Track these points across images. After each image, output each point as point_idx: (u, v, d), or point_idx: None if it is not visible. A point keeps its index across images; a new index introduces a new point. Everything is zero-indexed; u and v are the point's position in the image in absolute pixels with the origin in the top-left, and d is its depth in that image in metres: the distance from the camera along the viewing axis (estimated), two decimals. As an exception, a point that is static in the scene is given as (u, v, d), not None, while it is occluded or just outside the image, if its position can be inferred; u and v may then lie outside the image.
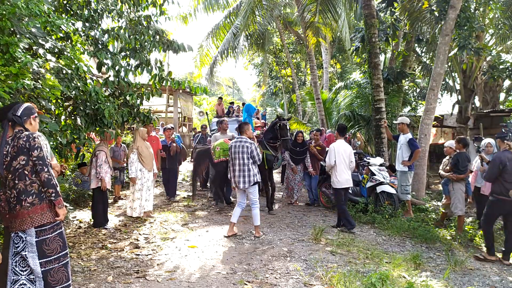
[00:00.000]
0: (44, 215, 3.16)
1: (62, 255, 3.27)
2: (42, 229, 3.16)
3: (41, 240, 3.15)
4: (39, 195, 3.17)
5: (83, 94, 5.42)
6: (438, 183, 11.82)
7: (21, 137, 3.14)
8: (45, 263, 3.16)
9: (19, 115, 3.21)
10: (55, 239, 3.23)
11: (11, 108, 3.24)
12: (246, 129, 6.35)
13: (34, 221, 3.12)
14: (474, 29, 9.16)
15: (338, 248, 5.71)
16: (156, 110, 21.09)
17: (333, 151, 6.79)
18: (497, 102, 15.78)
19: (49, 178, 3.15)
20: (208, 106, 33.72)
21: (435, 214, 7.81)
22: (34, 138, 3.15)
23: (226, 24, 18.88)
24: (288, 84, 28.75)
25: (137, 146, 7.26)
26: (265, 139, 8.22)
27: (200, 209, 8.32)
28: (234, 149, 6.20)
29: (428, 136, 9.22)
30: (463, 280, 4.80)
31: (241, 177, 6.10)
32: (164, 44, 6.91)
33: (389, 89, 12.16)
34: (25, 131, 3.21)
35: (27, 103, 3.42)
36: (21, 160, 3.12)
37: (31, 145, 3.12)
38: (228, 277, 4.52)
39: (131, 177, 7.20)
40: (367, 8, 9.61)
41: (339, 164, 6.76)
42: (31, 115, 3.31)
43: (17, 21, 4.35)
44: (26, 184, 3.13)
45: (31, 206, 3.12)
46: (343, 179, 6.78)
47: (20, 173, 3.12)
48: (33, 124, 3.33)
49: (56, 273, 3.20)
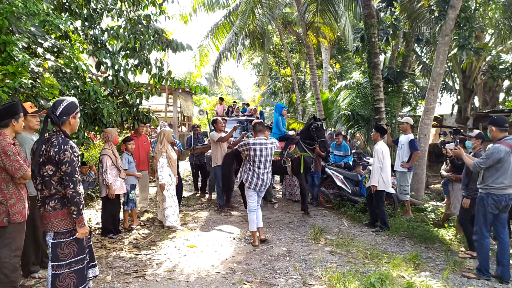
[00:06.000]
0: (64, 221, 3.09)
1: (75, 261, 3.16)
2: (60, 232, 3.11)
3: (56, 242, 3.10)
4: (62, 201, 3.09)
5: (82, 93, 5.41)
6: (437, 183, 11.82)
7: (54, 146, 3.01)
8: (56, 266, 3.10)
9: (57, 115, 3.09)
10: (71, 244, 3.14)
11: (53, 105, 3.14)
12: (262, 129, 5.98)
13: (54, 225, 3.08)
14: (474, 29, 9.14)
15: (338, 248, 5.70)
16: (156, 110, 21.06)
17: (381, 153, 6.82)
18: (496, 102, 15.78)
19: (73, 195, 3.02)
20: (208, 105, 33.72)
21: (434, 214, 7.80)
22: (64, 152, 2.99)
23: (226, 23, 18.85)
24: (287, 83, 28.75)
25: (166, 149, 6.70)
26: (302, 141, 7.82)
27: (199, 209, 8.31)
28: (259, 151, 5.78)
29: (427, 136, 9.20)
30: (462, 280, 4.79)
31: (264, 180, 5.83)
32: (164, 44, 6.90)
33: (389, 89, 12.15)
34: (61, 135, 3.08)
35: (70, 98, 3.26)
36: (49, 170, 3.03)
37: (60, 159, 2.98)
38: (227, 277, 4.51)
39: (161, 183, 6.58)
40: (366, 8, 9.61)
41: (386, 166, 6.82)
42: (71, 114, 3.17)
43: (15, 20, 4.34)
44: (51, 193, 3.07)
45: (52, 211, 3.07)
46: (388, 181, 6.86)
47: (47, 181, 3.05)
48: (72, 123, 3.21)
49: (65, 279, 3.11)
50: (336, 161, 9.38)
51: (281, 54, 26.74)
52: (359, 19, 13.78)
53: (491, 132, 4.95)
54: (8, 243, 3.58)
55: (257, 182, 5.80)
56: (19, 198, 3.66)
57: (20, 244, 3.70)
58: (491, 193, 4.77)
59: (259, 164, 5.76)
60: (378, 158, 6.83)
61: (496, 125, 4.88)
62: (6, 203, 3.56)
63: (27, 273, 4.29)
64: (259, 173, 5.77)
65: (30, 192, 3.94)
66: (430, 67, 14.91)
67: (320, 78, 23.39)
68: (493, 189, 4.76)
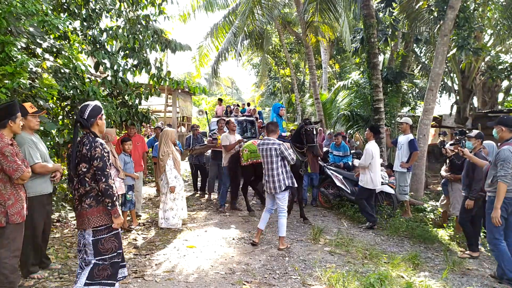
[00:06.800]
0: (100, 217, 3.29)
1: (115, 255, 3.40)
2: (98, 229, 3.30)
3: (97, 239, 3.30)
4: (97, 198, 3.30)
5: (81, 93, 5.41)
6: (436, 183, 11.83)
7: (85, 144, 3.25)
8: (99, 259, 3.33)
9: (85, 118, 3.33)
10: (110, 239, 3.37)
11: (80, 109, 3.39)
12: (274, 129, 5.83)
13: (91, 222, 3.26)
14: (473, 29, 9.16)
15: (337, 248, 5.70)
16: (155, 110, 21.06)
17: (371, 152, 6.85)
18: (495, 102, 15.77)
19: (106, 188, 3.24)
20: (207, 105, 33.70)
21: (433, 214, 7.80)
22: (95, 148, 3.24)
23: (226, 24, 18.86)
24: (287, 84, 28.75)
25: (172, 150, 6.59)
26: (292, 144, 7.56)
27: (198, 209, 8.30)
28: (262, 152, 5.67)
29: (426, 136, 9.21)
30: (462, 280, 4.79)
31: (270, 182, 5.62)
32: (163, 44, 6.90)
33: (388, 89, 12.15)
34: (91, 135, 3.32)
35: (93, 102, 3.48)
36: (83, 167, 3.26)
37: (92, 155, 3.23)
38: (227, 277, 4.50)
39: (171, 186, 6.47)
40: (366, 8, 9.61)
41: (375, 165, 6.84)
42: (97, 116, 3.42)
43: (14, 20, 4.34)
44: (86, 190, 3.28)
45: (89, 208, 3.27)
46: (377, 180, 6.88)
47: (82, 178, 3.28)
48: (99, 124, 3.46)
49: (102, 269, 3.34)
50: (335, 161, 9.38)
51: (280, 54, 26.74)
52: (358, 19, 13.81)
53: (500, 132, 4.80)
54: (7, 244, 3.57)
55: (266, 185, 5.71)
56: (18, 199, 3.64)
57: (19, 245, 3.69)
58: None
59: (265, 165, 5.69)
60: (365, 157, 6.89)
61: (507, 125, 4.73)
62: (5, 203, 3.54)
63: (26, 273, 4.28)
64: (265, 174, 5.70)
65: (28, 192, 3.93)
66: (429, 67, 14.91)
67: (320, 79, 23.39)
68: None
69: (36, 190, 4.19)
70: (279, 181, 5.56)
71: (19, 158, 3.64)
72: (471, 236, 5.78)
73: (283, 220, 5.60)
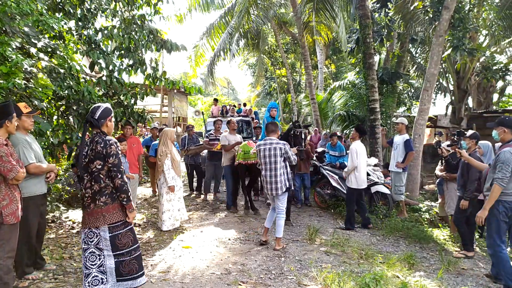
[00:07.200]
0: (115, 214, 3.42)
1: (133, 249, 3.51)
2: (114, 225, 3.42)
3: (114, 235, 3.42)
4: (112, 196, 3.42)
5: (76, 93, 5.38)
6: (432, 183, 11.86)
7: (99, 143, 3.37)
8: (117, 255, 3.43)
9: (96, 118, 3.45)
10: (127, 234, 3.49)
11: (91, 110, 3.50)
12: (275, 129, 5.77)
13: (107, 219, 3.38)
14: (467, 30, 9.19)
15: (333, 248, 5.71)
16: (151, 110, 20.99)
17: (356, 152, 6.86)
18: (490, 103, 15.84)
19: (122, 184, 3.39)
20: (203, 105, 33.65)
21: (428, 214, 7.83)
22: (110, 145, 3.38)
23: (222, 24, 18.84)
24: (283, 84, 28.76)
25: (170, 151, 6.55)
26: None
27: (194, 210, 8.28)
28: (264, 152, 5.57)
29: (422, 136, 9.25)
30: (457, 280, 4.82)
31: (272, 183, 5.53)
32: (158, 44, 6.87)
33: (384, 90, 12.19)
34: (102, 135, 3.45)
35: (105, 104, 3.63)
36: (97, 164, 3.37)
37: (107, 152, 3.36)
38: (222, 278, 4.50)
39: (170, 186, 6.47)
40: (361, 8, 9.63)
41: (361, 165, 6.85)
42: (107, 117, 3.53)
43: (9, 20, 4.31)
44: (101, 187, 3.38)
45: (104, 205, 3.38)
46: (362, 180, 6.88)
47: (96, 176, 3.37)
48: (108, 126, 3.57)
49: (128, 265, 3.46)
50: (331, 161, 9.39)
51: (277, 54, 26.77)
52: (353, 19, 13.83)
53: (501, 134, 4.58)
54: (2, 245, 3.54)
55: (266, 185, 5.63)
56: (12, 199, 3.62)
57: (14, 246, 3.67)
58: (502, 200, 4.42)
59: (265, 165, 5.59)
60: (352, 157, 6.89)
61: (509, 126, 4.53)
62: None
63: (20, 274, 4.26)
64: (266, 175, 5.61)
65: (23, 193, 3.91)
66: (424, 67, 14.96)
67: (315, 79, 23.42)
68: (504, 195, 4.41)
69: (30, 191, 4.17)
70: (281, 182, 5.52)
71: (14, 159, 3.62)
72: (466, 236, 5.81)
73: (281, 221, 5.61)
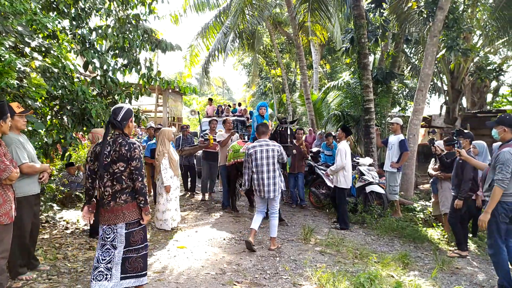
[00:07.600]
0: (135, 212, 3.51)
1: (142, 247, 3.59)
2: (131, 222, 3.50)
3: (129, 232, 3.50)
4: (132, 194, 3.50)
5: (69, 93, 5.35)
6: (426, 183, 11.91)
7: (123, 145, 3.43)
8: (126, 251, 3.50)
9: (119, 120, 3.51)
10: (139, 232, 3.57)
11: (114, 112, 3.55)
12: (265, 130, 5.73)
13: (126, 216, 3.47)
14: (462, 30, 9.25)
15: (327, 248, 5.72)
16: (145, 110, 20.94)
17: (345, 152, 6.89)
18: (484, 103, 15.92)
19: (142, 187, 3.47)
20: (198, 105, 33.59)
21: (423, 214, 7.86)
22: (134, 149, 3.45)
23: (217, 23, 18.81)
24: (278, 84, 28.76)
25: (168, 150, 6.56)
26: None
27: (189, 210, 8.27)
28: (260, 154, 5.50)
29: (416, 136, 9.28)
30: (451, 279, 4.84)
31: (270, 185, 5.46)
32: (153, 43, 6.85)
33: (379, 90, 12.22)
34: (125, 137, 3.51)
35: (127, 105, 3.65)
36: (120, 166, 3.43)
37: (131, 155, 3.43)
38: (217, 278, 4.49)
39: (166, 185, 6.43)
40: (356, 8, 9.66)
41: (347, 165, 6.90)
42: (129, 118, 3.60)
43: (2, 19, 4.28)
44: (122, 187, 3.45)
45: (124, 203, 3.46)
46: (350, 180, 6.93)
47: (118, 177, 3.44)
48: (130, 127, 3.64)
49: (134, 262, 3.53)
50: (326, 161, 9.41)
51: (272, 54, 26.77)
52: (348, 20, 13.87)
53: (501, 133, 4.43)
54: (-5, 245, 3.52)
55: (263, 188, 5.51)
56: (6, 200, 3.59)
57: (7, 246, 3.65)
58: (501, 201, 4.29)
59: (261, 167, 5.48)
60: (341, 156, 6.91)
61: (509, 125, 4.37)
62: (-8, 204, 3.50)
63: (14, 275, 4.23)
64: (261, 177, 5.49)
65: (16, 193, 3.88)
66: (419, 68, 15.01)
67: (311, 79, 23.46)
68: (504, 196, 4.28)
69: (24, 191, 4.14)
70: (278, 184, 5.52)
71: (7, 159, 3.59)
72: (460, 236, 5.83)
73: (275, 221, 5.62)
